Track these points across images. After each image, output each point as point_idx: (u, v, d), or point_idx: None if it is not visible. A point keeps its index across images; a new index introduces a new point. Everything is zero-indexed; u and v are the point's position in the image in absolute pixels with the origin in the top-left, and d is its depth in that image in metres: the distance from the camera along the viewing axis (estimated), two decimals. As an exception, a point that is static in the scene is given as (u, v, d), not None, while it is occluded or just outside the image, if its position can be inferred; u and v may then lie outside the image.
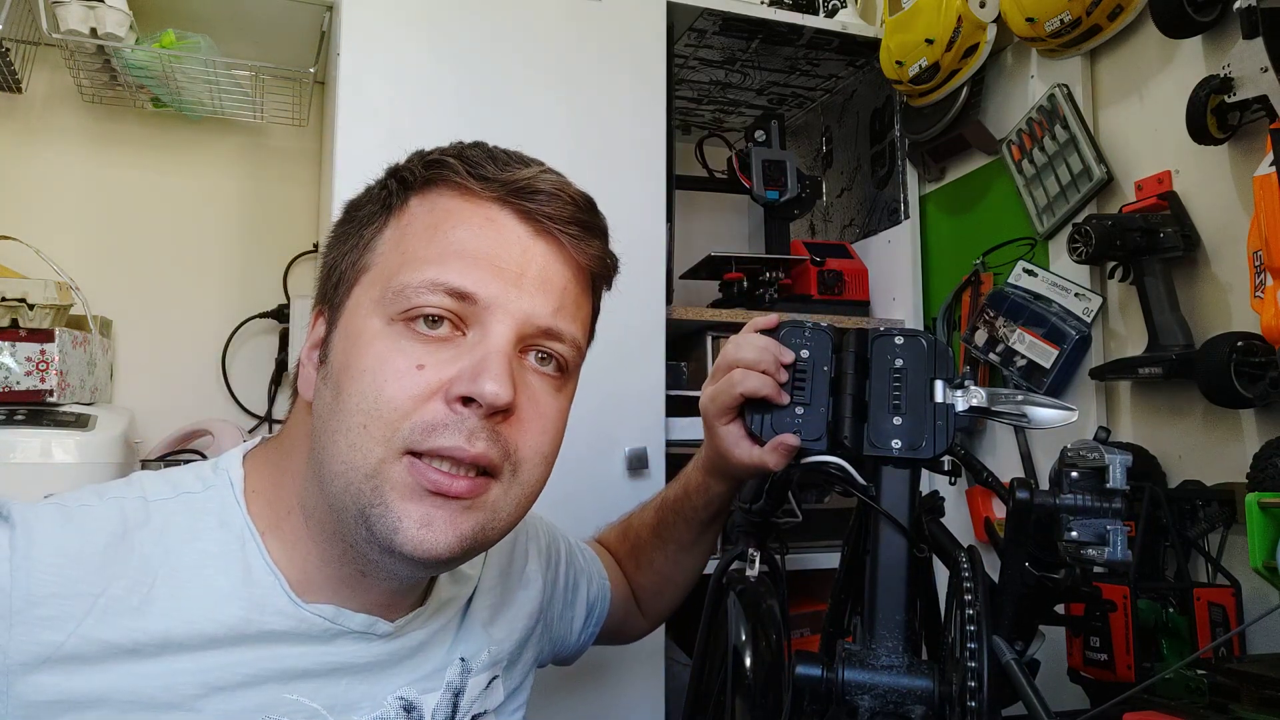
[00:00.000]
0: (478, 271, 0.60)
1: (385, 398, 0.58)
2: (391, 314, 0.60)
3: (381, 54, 1.39)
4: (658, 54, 1.55)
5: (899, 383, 0.73)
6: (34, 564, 0.56)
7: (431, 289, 0.59)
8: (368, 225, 0.65)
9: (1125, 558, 0.66)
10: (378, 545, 0.59)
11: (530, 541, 0.90)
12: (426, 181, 0.64)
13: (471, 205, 0.62)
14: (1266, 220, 1.00)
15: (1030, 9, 1.36)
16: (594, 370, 1.47)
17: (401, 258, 0.61)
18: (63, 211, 1.68)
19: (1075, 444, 0.72)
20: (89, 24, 1.43)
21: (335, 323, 0.64)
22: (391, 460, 0.58)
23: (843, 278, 1.76)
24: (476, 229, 0.62)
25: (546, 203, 0.63)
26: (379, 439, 0.58)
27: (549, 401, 0.64)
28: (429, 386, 0.58)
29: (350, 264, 0.64)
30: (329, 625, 0.64)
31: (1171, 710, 0.83)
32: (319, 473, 0.61)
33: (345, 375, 0.60)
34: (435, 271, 0.59)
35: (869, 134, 1.89)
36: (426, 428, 0.57)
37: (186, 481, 0.65)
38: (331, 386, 0.61)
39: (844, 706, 0.64)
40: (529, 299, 0.61)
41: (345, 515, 0.59)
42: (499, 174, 0.63)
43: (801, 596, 1.63)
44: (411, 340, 0.59)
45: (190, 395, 1.71)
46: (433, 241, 0.61)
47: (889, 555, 0.70)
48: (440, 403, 0.58)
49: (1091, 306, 1.37)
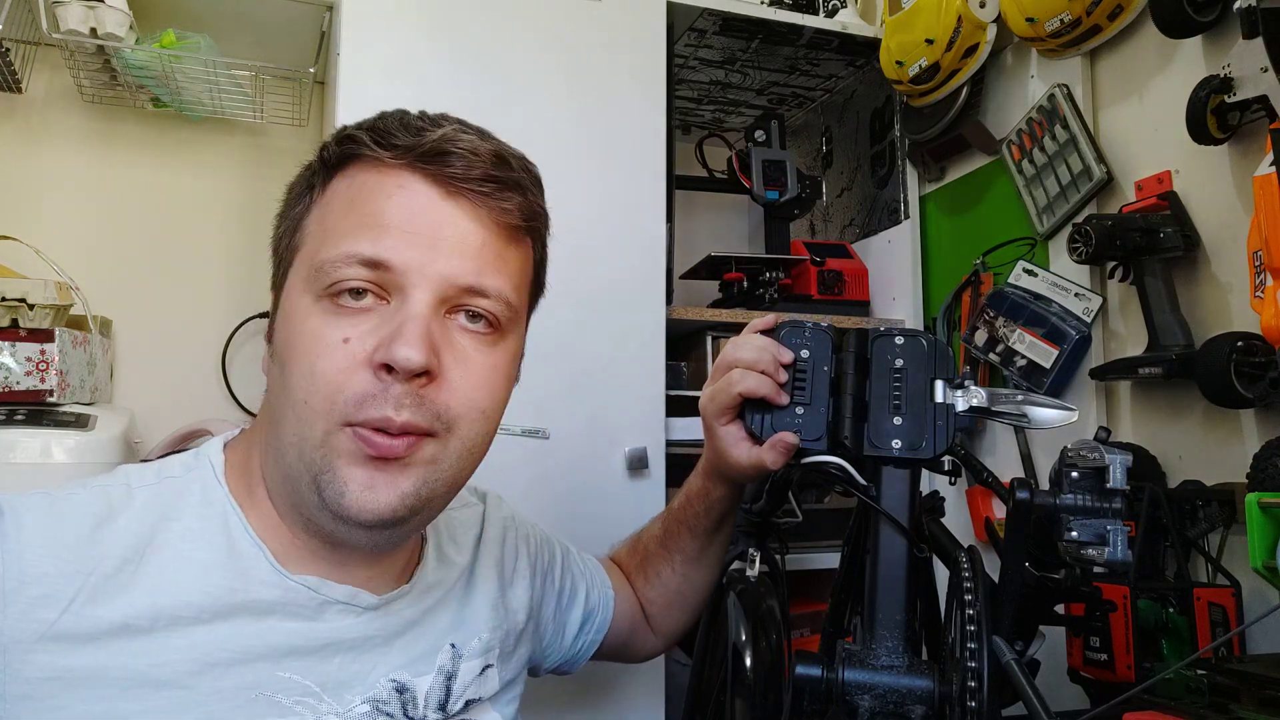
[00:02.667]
0: (390, 239, 0.61)
1: (319, 373, 0.60)
2: (317, 291, 0.62)
3: (381, 54, 1.39)
4: (658, 54, 1.55)
5: (899, 383, 0.73)
6: (24, 547, 0.58)
7: (347, 262, 0.61)
8: (295, 206, 0.67)
9: (1125, 558, 0.66)
10: (329, 512, 0.61)
11: (520, 541, 0.90)
12: (343, 158, 0.66)
13: (384, 175, 0.64)
14: (1266, 220, 1.00)
15: (1030, 9, 1.36)
16: (594, 370, 1.48)
17: (323, 235, 0.63)
18: (63, 211, 1.68)
19: (1075, 444, 0.72)
20: (89, 24, 1.43)
21: (278, 302, 0.66)
22: (335, 430, 0.60)
23: (843, 278, 1.76)
24: (388, 197, 0.63)
25: (456, 163, 0.63)
26: (320, 412, 0.60)
27: (480, 358, 0.65)
28: (355, 358, 0.60)
29: (285, 246, 0.67)
30: (313, 595, 0.65)
31: (1171, 710, 0.83)
32: (275, 446, 0.64)
33: (287, 354, 0.62)
34: (350, 244, 0.61)
35: (869, 134, 1.89)
36: (358, 400, 0.60)
37: (169, 468, 0.67)
38: (278, 365, 0.64)
39: (844, 706, 0.64)
40: (445, 261, 0.62)
41: (300, 484, 0.62)
42: (407, 139, 0.63)
43: (801, 596, 1.63)
44: (337, 314, 0.61)
45: (190, 395, 1.71)
46: (349, 215, 0.63)
47: (889, 555, 0.70)
48: (367, 372, 0.60)
49: (1091, 306, 1.37)
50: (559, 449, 1.38)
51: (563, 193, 1.47)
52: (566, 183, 1.51)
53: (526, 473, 1.35)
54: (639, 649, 1.01)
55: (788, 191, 1.76)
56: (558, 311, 1.51)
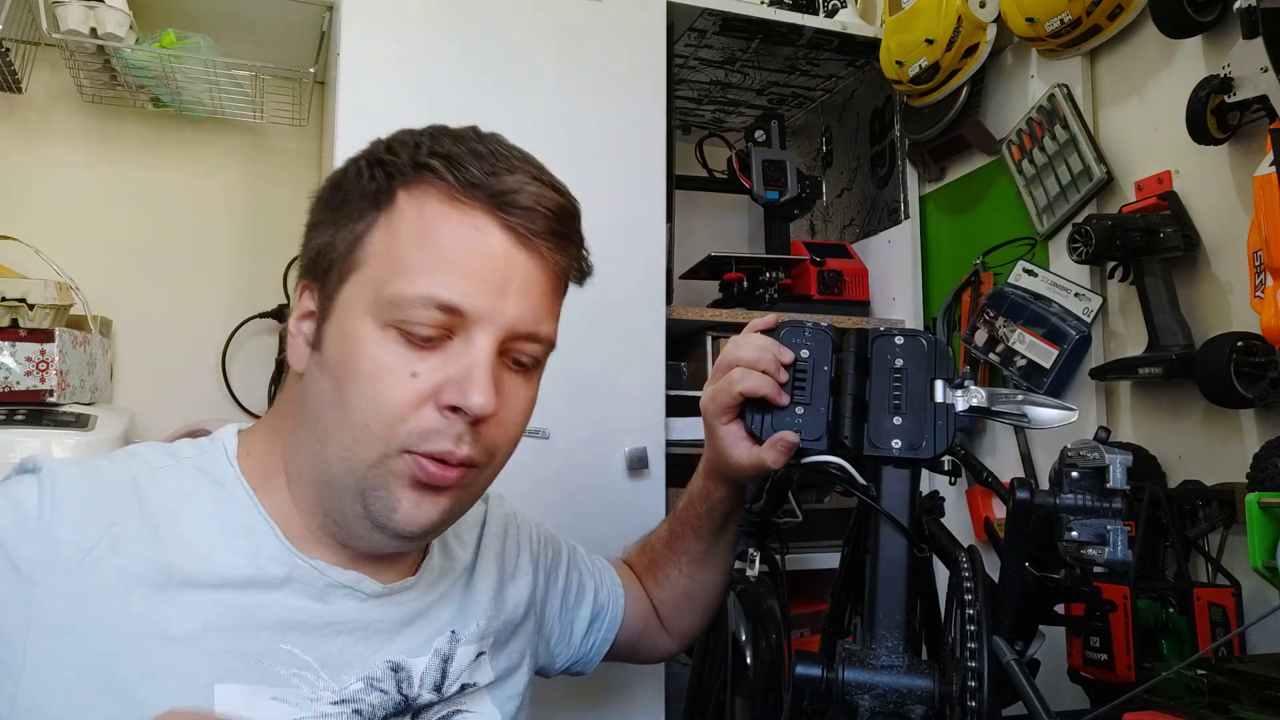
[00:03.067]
0: (466, 284, 0.64)
1: (384, 402, 0.63)
2: (386, 320, 0.64)
3: (381, 54, 1.39)
4: (658, 54, 1.55)
5: (899, 383, 0.73)
6: (57, 497, 0.63)
7: (425, 304, 0.63)
8: (358, 220, 0.67)
9: (1125, 558, 0.66)
10: (370, 522, 0.66)
11: (523, 539, 0.91)
12: (414, 179, 0.67)
13: (459, 213, 0.65)
14: (1266, 220, 1.00)
15: (1030, 9, 1.36)
16: (594, 370, 1.48)
17: (394, 264, 0.65)
18: (63, 211, 1.68)
19: (1075, 444, 0.72)
20: (89, 24, 1.43)
21: (329, 312, 0.67)
22: (393, 456, 0.64)
23: (843, 278, 1.76)
24: (464, 238, 0.65)
25: (528, 216, 0.66)
26: (380, 438, 0.64)
27: (522, 395, 0.70)
28: (421, 393, 0.64)
29: (340, 255, 0.67)
30: (320, 575, 0.68)
31: (1171, 710, 0.83)
32: (318, 451, 0.66)
33: (344, 373, 0.65)
34: (425, 284, 0.63)
35: (869, 134, 1.89)
36: (421, 434, 0.64)
37: (183, 450, 0.71)
38: (330, 379, 0.66)
39: (844, 706, 0.64)
40: (511, 309, 0.66)
41: (342, 493, 0.66)
42: (485, 180, 0.66)
43: (801, 596, 1.63)
44: (404, 347, 0.64)
45: (190, 395, 1.71)
46: (423, 249, 0.65)
47: (889, 555, 0.70)
48: (432, 409, 0.64)
49: (1091, 306, 1.37)
50: (559, 449, 1.38)
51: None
52: (566, 182, 1.51)
53: (527, 473, 1.34)
54: (652, 649, 1.02)
55: (788, 191, 1.76)
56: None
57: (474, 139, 0.69)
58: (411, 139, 0.69)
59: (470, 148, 0.67)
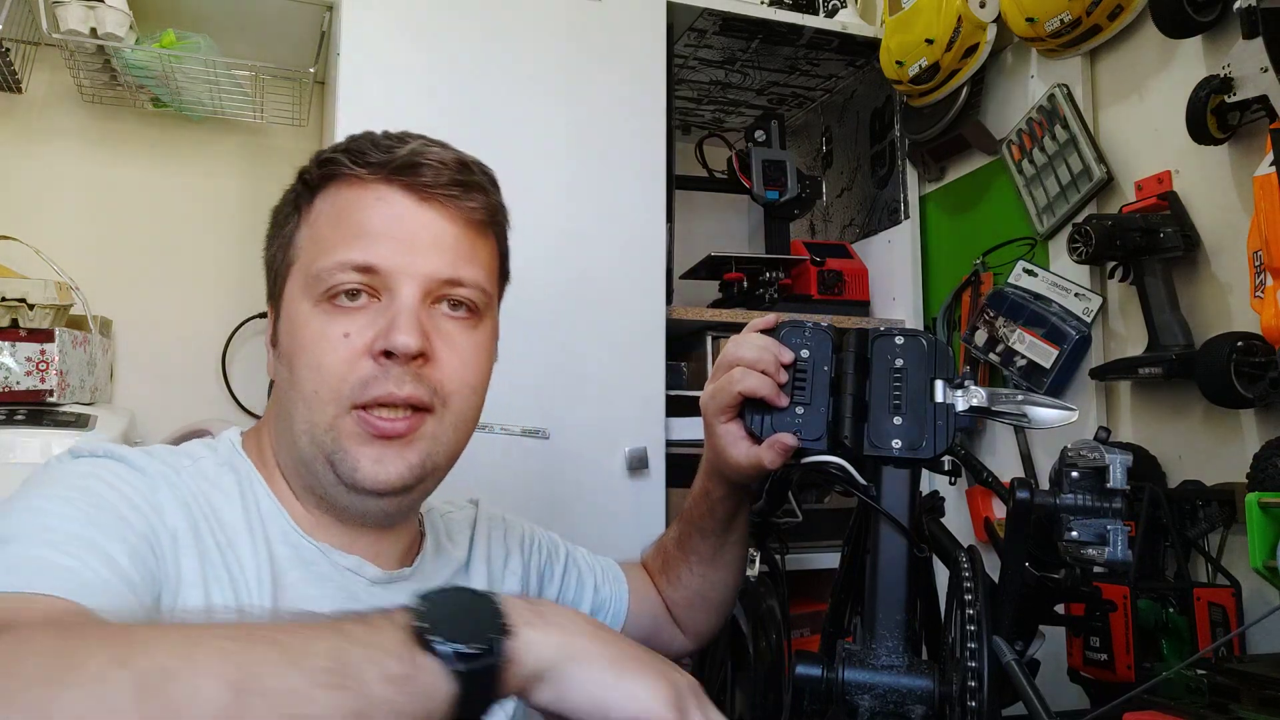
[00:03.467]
0: (377, 246, 0.70)
1: (326, 366, 0.69)
2: (315, 296, 0.70)
3: (381, 54, 1.39)
4: (658, 54, 1.56)
5: (899, 383, 0.73)
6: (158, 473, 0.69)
7: (342, 269, 0.69)
8: (285, 225, 0.76)
9: (1125, 558, 0.66)
10: (344, 485, 0.70)
11: (513, 542, 0.92)
12: (323, 178, 0.74)
13: (363, 189, 0.72)
14: (1266, 220, 1.00)
15: (1030, 9, 1.36)
16: (594, 370, 1.48)
17: (316, 247, 0.72)
18: (63, 211, 1.68)
19: (1075, 444, 0.72)
20: (89, 24, 1.43)
21: (279, 313, 0.74)
22: (342, 415, 0.69)
23: (843, 278, 1.76)
24: (370, 209, 0.72)
25: (425, 173, 0.72)
26: (329, 400, 0.69)
27: (464, 340, 0.74)
28: (356, 349, 0.69)
29: (279, 261, 0.75)
30: (323, 558, 0.72)
31: (1172, 710, 0.83)
32: (288, 436, 0.72)
33: (293, 354, 0.71)
34: (343, 253, 0.70)
35: (869, 134, 1.89)
36: (362, 383, 0.68)
37: (196, 450, 0.75)
38: (285, 365, 0.72)
39: (844, 706, 0.64)
40: (424, 259, 0.71)
41: (314, 464, 0.71)
42: (381, 157, 0.72)
43: (801, 596, 1.63)
44: (336, 314, 0.70)
45: (190, 395, 1.71)
46: (337, 227, 0.71)
47: (889, 555, 0.70)
48: (368, 360, 0.69)
49: (1091, 306, 1.37)
50: (559, 449, 1.38)
51: (563, 193, 1.49)
52: (567, 183, 1.51)
53: (527, 473, 1.35)
54: (666, 649, 1.01)
55: (788, 191, 1.76)
56: (558, 311, 1.51)
57: (371, 134, 0.75)
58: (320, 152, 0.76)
59: (369, 139, 0.74)
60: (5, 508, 0.60)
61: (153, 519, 0.64)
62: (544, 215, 1.42)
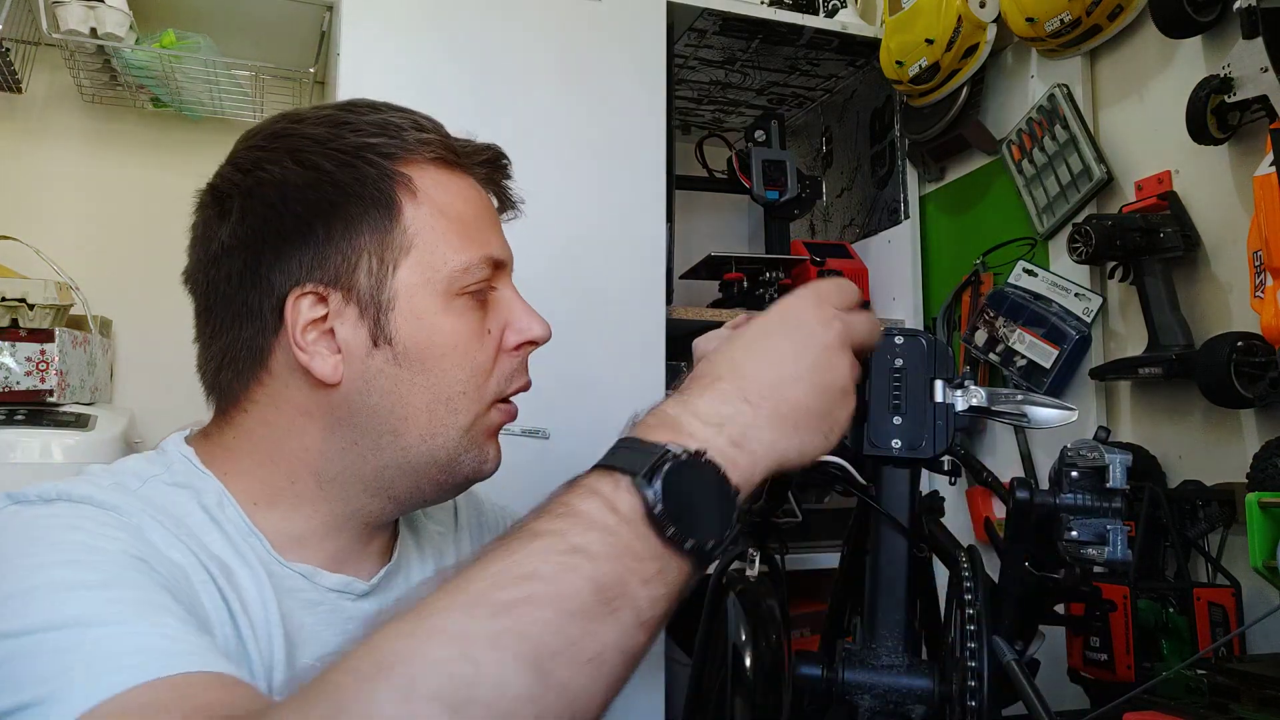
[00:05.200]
0: (495, 237, 0.72)
1: (477, 364, 0.68)
2: (452, 291, 0.68)
3: (381, 54, 1.38)
4: (658, 54, 1.55)
5: (899, 382, 0.73)
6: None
7: (483, 265, 0.69)
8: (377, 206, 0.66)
9: (1125, 557, 0.66)
10: (453, 483, 0.70)
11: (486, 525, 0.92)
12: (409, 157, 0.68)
13: (456, 178, 0.71)
14: (1266, 220, 1.00)
15: (1030, 9, 1.36)
16: (594, 370, 1.48)
17: (442, 238, 0.68)
18: (63, 211, 1.68)
19: (1075, 444, 0.72)
20: (89, 24, 1.43)
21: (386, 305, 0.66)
22: (485, 411, 0.70)
23: (843, 278, 1.76)
24: (472, 198, 0.72)
25: (480, 164, 0.73)
26: (475, 399, 0.69)
27: None
28: (495, 343, 0.70)
29: (372, 249, 0.66)
30: (308, 583, 0.67)
31: (1171, 710, 0.83)
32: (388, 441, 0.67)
33: (429, 354, 0.67)
34: (478, 248, 0.69)
35: (869, 134, 1.89)
36: (507, 377, 0.71)
37: (143, 469, 0.67)
38: (410, 366, 0.66)
39: (844, 706, 0.64)
40: (507, 247, 0.74)
41: (422, 472, 0.68)
42: (453, 144, 0.72)
43: (801, 596, 1.63)
44: (474, 310, 0.69)
45: (190, 395, 1.68)
46: (452, 218, 0.69)
47: (889, 555, 0.70)
48: (505, 355, 0.71)
49: (1091, 306, 1.37)
50: (559, 449, 1.38)
51: (563, 193, 1.49)
52: (567, 183, 1.51)
53: (526, 473, 1.34)
54: None
55: (788, 191, 1.76)
56: (558, 311, 1.50)
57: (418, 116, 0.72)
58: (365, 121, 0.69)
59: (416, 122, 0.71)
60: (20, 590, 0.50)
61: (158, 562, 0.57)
62: (544, 215, 1.41)
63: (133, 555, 0.55)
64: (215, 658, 0.50)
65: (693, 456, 0.50)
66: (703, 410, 0.53)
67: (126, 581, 0.53)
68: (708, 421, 0.52)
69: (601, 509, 0.48)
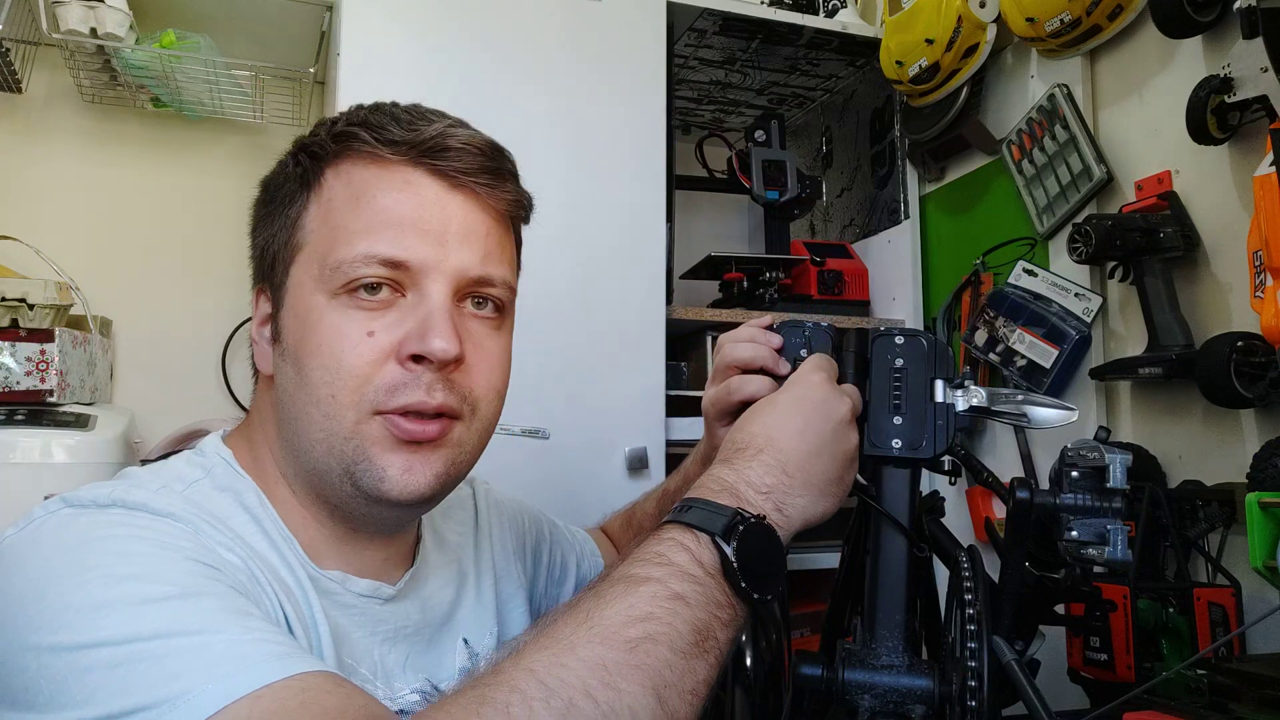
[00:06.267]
0: (406, 238, 0.64)
1: (346, 367, 0.62)
2: (333, 288, 0.63)
3: (381, 54, 1.39)
4: (658, 54, 1.55)
5: (899, 382, 0.73)
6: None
7: (366, 262, 0.63)
8: (290, 204, 0.67)
9: (1125, 557, 0.66)
10: (364, 497, 0.64)
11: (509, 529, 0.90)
12: (337, 153, 0.67)
13: (386, 171, 0.65)
14: (1266, 220, 1.00)
15: (1030, 9, 1.36)
16: (594, 370, 1.48)
17: (332, 233, 0.65)
18: (63, 211, 1.68)
19: (1075, 444, 0.72)
20: (89, 24, 1.43)
21: (281, 302, 0.67)
22: (365, 420, 0.63)
23: (843, 278, 1.76)
24: (396, 194, 0.65)
25: (457, 158, 0.66)
26: (348, 404, 0.63)
27: (492, 342, 0.69)
28: (381, 350, 0.63)
29: (281, 244, 0.67)
30: (339, 589, 0.67)
31: (1172, 710, 0.83)
32: (296, 443, 0.65)
33: (304, 351, 0.64)
34: (367, 244, 0.63)
35: (869, 134, 1.89)
36: (389, 389, 0.63)
37: (187, 473, 0.66)
38: (292, 363, 0.65)
39: (844, 706, 0.64)
40: (456, 254, 0.65)
41: (329, 476, 0.64)
42: (406, 135, 0.65)
43: (801, 596, 1.63)
44: (357, 310, 0.63)
45: (190, 395, 1.71)
46: (358, 213, 0.64)
47: (889, 555, 0.70)
48: (394, 364, 0.63)
49: (1091, 306, 1.37)
50: (559, 449, 1.38)
51: (563, 193, 1.49)
52: (566, 183, 1.51)
53: (526, 473, 1.35)
54: None
55: (788, 191, 1.76)
56: (558, 311, 1.51)
57: (390, 107, 0.69)
58: (328, 120, 0.70)
59: (388, 112, 0.68)
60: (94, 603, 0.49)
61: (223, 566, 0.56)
62: (544, 215, 1.40)
63: (199, 562, 0.55)
64: (314, 658, 0.51)
65: (758, 519, 0.59)
66: (754, 480, 0.62)
67: (202, 590, 0.52)
68: (758, 490, 0.62)
69: (691, 563, 0.56)
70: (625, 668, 0.49)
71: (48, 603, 0.50)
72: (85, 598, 0.50)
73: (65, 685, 0.47)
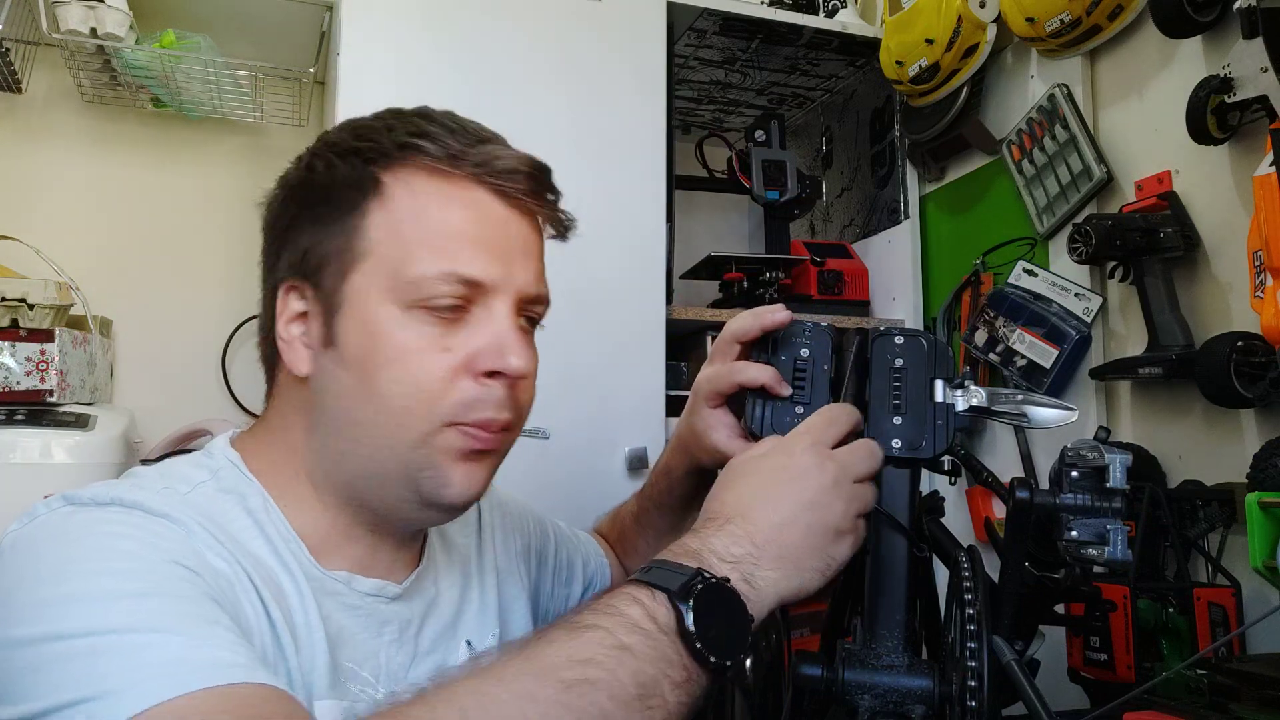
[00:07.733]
0: (479, 256, 0.66)
1: (422, 381, 0.64)
2: (407, 301, 0.64)
3: (381, 54, 1.39)
4: (658, 54, 1.55)
5: (899, 382, 0.73)
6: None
7: (445, 280, 0.64)
8: (349, 211, 0.67)
9: (1125, 557, 0.66)
10: (420, 502, 0.66)
11: (514, 530, 0.91)
12: (399, 161, 0.67)
13: (450, 185, 0.67)
14: (1266, 220, 1.00)
15: (1030, 9, 1.36)
16: (594, 370, 1.48)
17: (403, 246, 0.65)
18: (63, 211, 1.68)
19: (1075, 444, 0.72)
20: (89, 24, 1.43)
21: (337, 306, 0.66)
22: (436, 431, 0.64)
23: (843, 278, 1.76)
24: (465, 211, 0.66)
25: (512, 179, 0.68)
26: (421, 415, 0.64)
27: (535, 356, 0.71)
28: (456, 366, 0.65)
29: (338, 248, 0.67)
30: (345, 587, 0.67)
31: (1172, 710, 0.83)
32: (343, 446, 0.66)
33: (372, 362, 0.64)
34: (445, 261, 0.65)
35: (869, 134, 1.89)
36: (465, 405, 0.65)
37: (192, 475, 0.66)
38: (354, 371, 0.65)
39: (844, 706, 0.64)
40: (520, 273, 0.68)
41: (386, 480, 0.66)
42: (466, 151, 0.67)
43: (801, 596, 1.63)
44: (431, 325, 0.65)
45: (190, 395, 1.71)
46: (426, 227, 0.66)
47: (889, 555, 0.70)
48: (469, 379, 0.65)
49: (1091, 306, 1.37)
50: (559, 449, 1.38)
51: (563, 192, 1.48)
52: (566, 183, 1.50)
53: (527, 473, 1.34)
54: None
55: (788, 191, 1.76)
56: (558, 311, 1.50)
57: (438, 116, 0.70)
58: (381, 124, 0.69)
59: (441, 124, 0.68)
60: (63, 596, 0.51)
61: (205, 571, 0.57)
62: (544, 215, 1.42)
63: (181, 564, 0.55)
64: (263, 670, 0.51)
65: (719, 581, 0.57)
66: (719, 548, 0.60)
67: (173, 592, 0.53)
68: (724, 559, 0.60)
69: (644, 616, 0.54)
70: (555, 706, 0.48)
71: (24, 596, 0.51)
72: (56, 591, 0.51)
73: (21, 678, 0.48)
